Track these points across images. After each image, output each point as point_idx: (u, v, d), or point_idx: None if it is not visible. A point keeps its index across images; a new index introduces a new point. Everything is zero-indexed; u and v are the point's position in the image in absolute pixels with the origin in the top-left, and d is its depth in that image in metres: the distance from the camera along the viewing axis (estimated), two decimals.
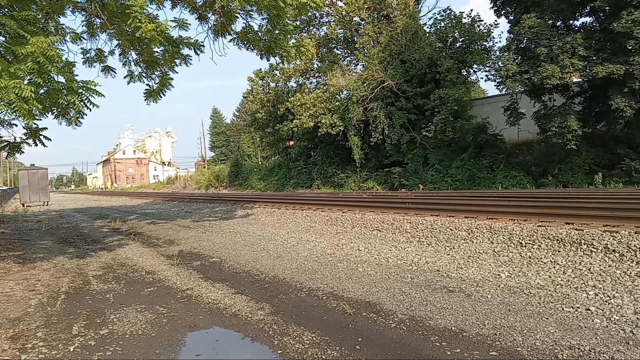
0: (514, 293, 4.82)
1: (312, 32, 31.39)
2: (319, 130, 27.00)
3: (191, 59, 9.12)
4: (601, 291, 4.65)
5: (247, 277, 6.32)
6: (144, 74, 9.42)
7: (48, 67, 5.49)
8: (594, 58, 16.09)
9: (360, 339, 3.81)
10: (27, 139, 8.59)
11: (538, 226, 6.97)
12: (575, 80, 17.90)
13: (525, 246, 6.56)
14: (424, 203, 11.85)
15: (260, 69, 34.66)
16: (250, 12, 8.47)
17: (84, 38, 9.19)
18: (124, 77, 9.51)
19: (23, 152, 9.24)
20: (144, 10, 6.71)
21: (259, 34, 8.66)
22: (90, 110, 6.56)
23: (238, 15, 8.53)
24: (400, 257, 6.94)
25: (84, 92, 6.30)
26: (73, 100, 6.19)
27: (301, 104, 27.48)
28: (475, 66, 24.15)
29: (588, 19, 18.71)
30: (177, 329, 4.25)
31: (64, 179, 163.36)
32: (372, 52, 26.08)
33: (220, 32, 8.69)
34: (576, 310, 4.19)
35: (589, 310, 4.17)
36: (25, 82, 5.50)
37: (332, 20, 30.41)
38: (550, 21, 18.20)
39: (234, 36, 8.92)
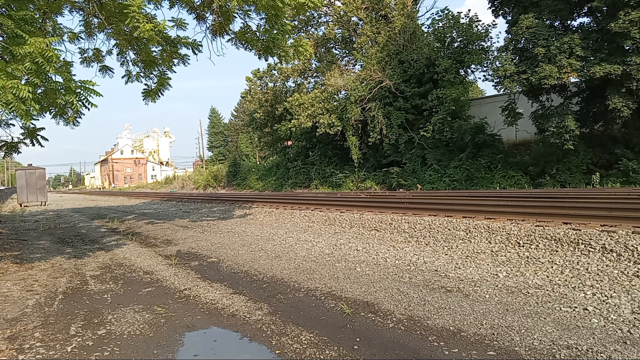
0: (511, 293, 4.83)
1: (310, 32, 31.41)
2: (317, 130, 27.00)
3: (189, 59, 9.13)
4: (599, 291, 4.66)
5: (245, 277, 6.32)
6: (142, 74, 9.41)
7: (46, 67, 5.48)
8: (592, 58, 16.12)
9: (358, 339, 3.81)
10: (24, 139, 8.57)
11: (536, 226, 6.98)
12: (572, 80, 17.92)
13: (523, 246, 6.57)
14: (422, 203, 11.86)
15: (259, 69, 34.67)
16: (249, 12, 8.47)
17: (81, 38, 9.19)
18: (122, 77, 9.51)
19: (20, 152, 9.22)
20: (142, 10, 6.70)
21: (257, 33, 8.66)
22: (89, 109, 6.54)
23: (236, 15, 8.53)
24: (399, 257, 6.95)
25: (82, 91, 6.29)
26: (71, 100, 6.17)
27: (299, 104, 27.48)
28: (473, 66, 24.22)
29: (586, 19, 18.79)
30: (175, 329, 4.25)
31: (62, 179, 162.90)
32: (370, 52, 26.10)
33: (218, 32, 8.68)
34: (574, 310, 4.20)
35: (587, 310, 4.18)
36: (23, 82, 5.48)
37: (330, 20, 30.43)
38: (548, 21, 18.23)
39: (232, 36, 8.92)
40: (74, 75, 6.81)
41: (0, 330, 4.32)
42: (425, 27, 26.93)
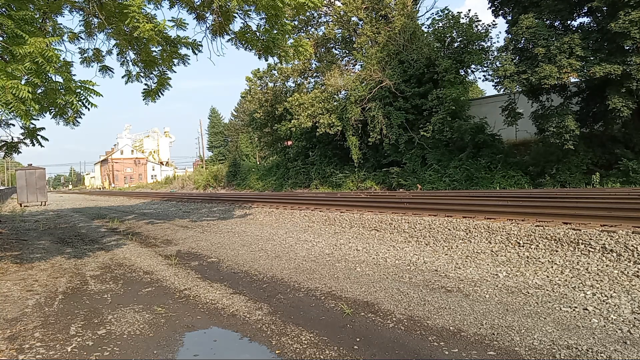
0: (511, 293, 4.83)
1: (310, 32, 31.39)
2: (317, 130, 27.00)
3: (189, 59, 9.13)
4: (599, 291, 4.66)
5: (245, 277, 6.32)
6: (142, 74, 9.41)
7: (46, 67, 5.48)
8: (592, 58, 16.12)
9: (358, 339, 3.81)
10: (24, 139, 8.58)
11: (536, 226, 6.98)
12: (572, 80, 17.92)
13: (523, 246, 6.57)
14: (422, 203, 11.86)
15: (259, 69, 34.66)
16: (249, 12, 8.47)
17: (81, 38, 9.19)
18: (122, 77, 9.51)
19: (20, 152, 9.23)
20: (142, 10, 6.70)
21: (257, 33, 8.66)
22: (89, 109, 6.55)
23: (236, 15, 8.53)
24: (399, 257, 6.95)
25: (82, 91, 6.29)
26: (71, 100, 6.17)
27: (299, 104, 27.48)
28: (473, 66, 24.21)
29: (586, 19, 18.77)
30: (175, 329, 4.25)
31: (62, 179, 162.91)
32: (370, 52, 26.09)
33: (219, 32, 8.68)
34: (574, 310, 4.20)
35: (587, 310, 4.18)
36: (23, 82, 5.48)
37: (330, 20, 30.42)
38: (548, 21, 18.23)
39: (232, 36, 8.92)
40: (74, 75, 6.82)
41: (0, 330, 4.32)
42: (425, 27, 26.94)
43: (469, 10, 44.16)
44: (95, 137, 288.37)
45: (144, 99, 9.49)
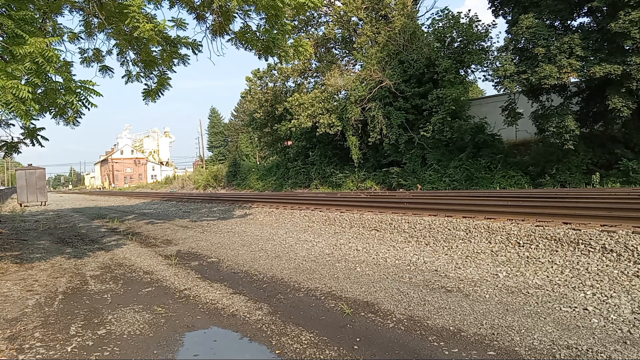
0: (511, 293, 4.83)
1: (310, 32, 31.40)
2: (317, 130, 27.00)
3: (189, 59, 9.14)
4: (599, 291, 4.66)
5: (245, 277, 6.32)
6: (142, 74, 9.41)
7: (46, 67, 5.48)
8: (592, 58, 16.12)
9: (358, 339, 3.81)
10: (24, 139, 8.58)
11: (536, 226, 6.98)
12: (572, 80, 17.93)
13: (523, 246, 6.57)
14: (422, 203, 11.85)
15: (259, 69, 34.68)
16: (249, 12, 8.48)
17: (81, 38, 9.20)
18: (122, 77, 9.51)
19: (20, 152, 9.23)
20: (142, 10, 6.70)
21: (257, 33, 8.66)
22: (89, 109, 6.55)
23: (236, 15, 8.54)
24: (399, 257, 6.95)
25: (82, 91, 6.29)
26: (71, 100, 6.17)
27: (299, 104, 27.48)
28: (473, 66, 24.21)
29: (586, 19, 18.78)
30: (175, 329, 4.25)
31: (62, 179, 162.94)
32: (370, 52, 26.09)
33: (219, 31, 8.69)
34: (574, 310, 4.20)
35: (587, 310, 4.18)
36: (23, 82, 5.48)
37: (330, 20, 30.42)
38: (548, 21, 18.23)
39: (232, 36, 8.92)
40: (74, 75, 6.82)
41: (0, 330, 4.32)
42: (425, 27, 26.95)
43: (469, 10, 44.15)
44: (95, 137, 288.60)
45: (144, 99, 9.50)
